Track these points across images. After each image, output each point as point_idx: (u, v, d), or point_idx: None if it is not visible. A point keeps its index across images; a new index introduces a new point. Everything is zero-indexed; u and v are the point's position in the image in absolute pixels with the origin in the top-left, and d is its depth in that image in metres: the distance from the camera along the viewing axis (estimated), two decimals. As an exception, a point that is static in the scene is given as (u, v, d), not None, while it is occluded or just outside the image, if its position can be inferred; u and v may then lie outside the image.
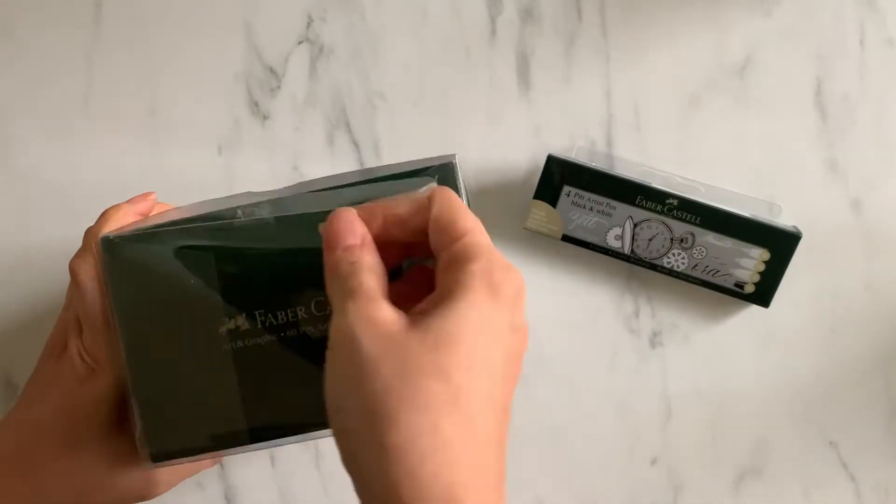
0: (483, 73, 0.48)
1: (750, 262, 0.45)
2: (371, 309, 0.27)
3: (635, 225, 0.45)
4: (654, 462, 0.48)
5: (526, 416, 0.49)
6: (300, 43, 0.48)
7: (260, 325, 0.34)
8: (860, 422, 0.48)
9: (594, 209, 0.45)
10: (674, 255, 0.45)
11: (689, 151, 0.47)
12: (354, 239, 0.29)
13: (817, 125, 0.47)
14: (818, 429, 0.48)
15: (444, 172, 0.34)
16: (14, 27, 0.48)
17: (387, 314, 0.27)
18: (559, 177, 0.45)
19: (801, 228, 0.46)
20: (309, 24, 0.48)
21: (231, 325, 0.34)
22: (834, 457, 0.48)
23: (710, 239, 0.45)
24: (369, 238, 0.30)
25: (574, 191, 0.45)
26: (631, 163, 0.47)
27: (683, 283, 0.46)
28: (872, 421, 0.48)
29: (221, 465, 0.48)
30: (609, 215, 0.45)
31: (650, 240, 0.45)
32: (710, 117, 0.47)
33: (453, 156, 0.35)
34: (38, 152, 0.48)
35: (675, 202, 0.45)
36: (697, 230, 0.45)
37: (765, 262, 0.45)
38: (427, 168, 0.35)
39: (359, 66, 0.48)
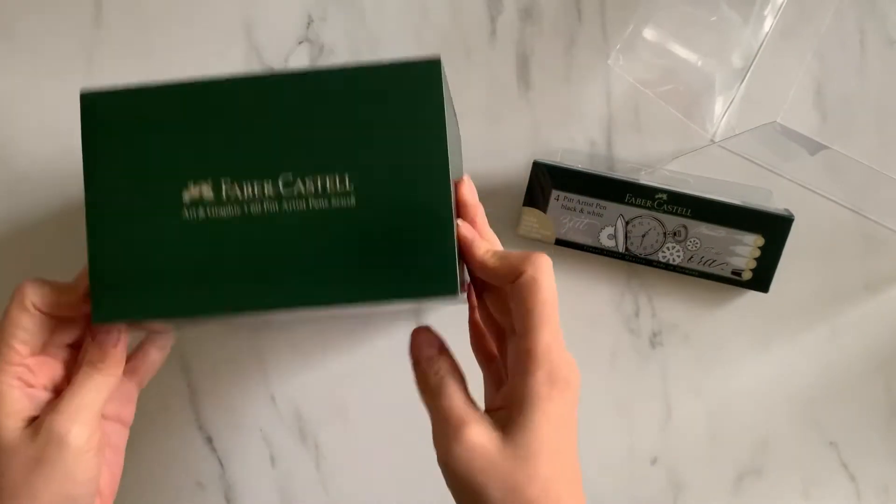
0: (483, 73, 0.48)
1: (745, 248, 0.45)
2: (467, 438, 0.31)
3: (627, 222, 0.45)
4: (654, 462, 0.48)
5: (526, 416, 0.49)
6: (300, 43, 0.48)
7: (226, 197, 0.33)
8: (860, 422, 0.48)
9: (584, 210, 0.45)
10: (668, 248, 0.45)
11: (688, 151, 0.47)
12: (432, 350, 0.34)
13: (817, 125, 0.46)
14: (818, 429, 0.48)
15: (428, 71, 0.32)
16: (14, 27, 0.48)
17: (479, 439, 0.31)
18: (546, 182, 0.45)
19: (802, 229, 0.46)
20: (309, 24, 0.48)
21: (195, 193, 0.33)
22: (834, 457, 0.48)
23: (703, 230, 0.45)
24: (446, 345, 0.35)
25: (563, 194, 0.45)
26: (627, 161, 0.47)
27: (683, 282, 0.46)
28: (872, 421, 0.48)
29: (222, 465, 0.48)
30: (600, 215, 0.45)
31: (643, 236, 0.45)
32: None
33: (437, 59, 0.33)
34: (38, 152, 0.48)
35: (665, 196, 0.45)
36: (690, 222, 0.45)
37: (760, 247, 0.45)
38: (411, 65, 0.33)
39: (359, 66, 0.48)
